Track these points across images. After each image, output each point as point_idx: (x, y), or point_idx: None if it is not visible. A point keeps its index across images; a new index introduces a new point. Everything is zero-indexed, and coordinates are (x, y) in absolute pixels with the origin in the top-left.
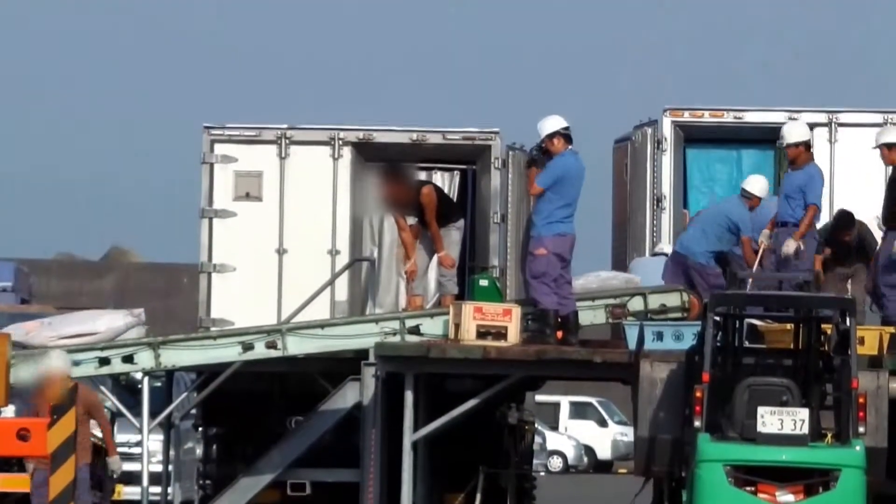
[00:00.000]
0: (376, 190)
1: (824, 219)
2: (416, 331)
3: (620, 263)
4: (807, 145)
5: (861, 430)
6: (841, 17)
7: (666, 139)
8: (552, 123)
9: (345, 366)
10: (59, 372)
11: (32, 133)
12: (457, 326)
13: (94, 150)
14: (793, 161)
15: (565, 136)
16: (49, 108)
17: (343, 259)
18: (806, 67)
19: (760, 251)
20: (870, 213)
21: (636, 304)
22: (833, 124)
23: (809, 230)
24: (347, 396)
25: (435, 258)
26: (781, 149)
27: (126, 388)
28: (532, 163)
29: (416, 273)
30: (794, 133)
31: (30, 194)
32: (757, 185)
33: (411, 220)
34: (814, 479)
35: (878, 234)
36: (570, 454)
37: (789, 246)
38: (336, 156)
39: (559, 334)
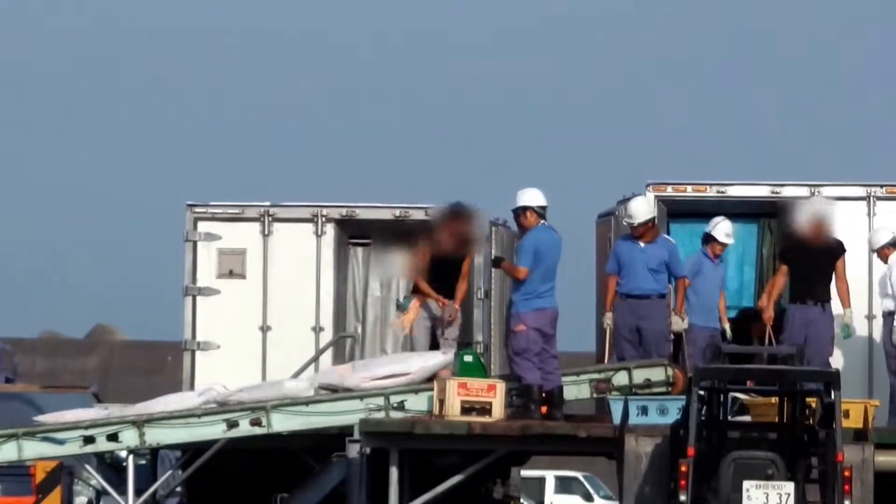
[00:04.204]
0: (439, 228)
1: None
2: (400, 407)
3: (603, 337)
4: (653, 221)
5: (847, 503)
6: (825, 89)
7: None
8: (527, 197)
9: (330, 442)
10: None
11: (13, 210)
12: (441, 402)
13: (77, 227)
14: (640, 236)
15: (539, 212)
16: (31, 185)
17: (327, 336)
18: (789, 140)
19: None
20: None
21: (621, 378)
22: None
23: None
24: (332, 473)
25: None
26: (631, 227)
27: (111, 467)
28: (497, 263)
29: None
30: (644, 211)
31: (14, 273)
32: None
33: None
34: None
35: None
36: None
37: (678, 324)
38: (319, 233)
39: (544, 409)
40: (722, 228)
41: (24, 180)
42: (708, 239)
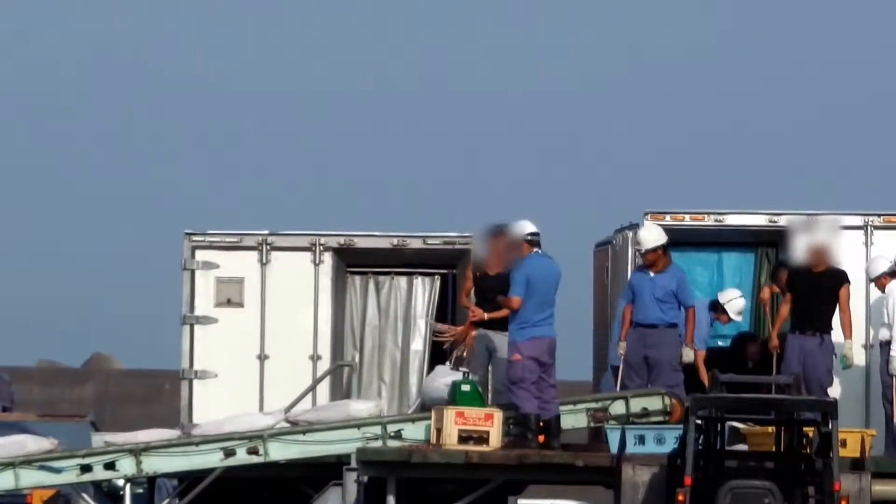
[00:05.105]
0: (483, 247)
1: None
2: (398, 436)
3: (602, 367)
4: (664, 248)
5: None
6: (821, 119)
7: None
8: (518, 229)
9: (327, 471)
10: None
11: (12, 240)
12: (438, 431)
13: (74, 256)
14: (652, 264)
15: (530, 241)
16: (30, 215)
17: (324, 364)
18: (787, 169)
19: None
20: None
21: (618, 407)
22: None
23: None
24: (330, 501)
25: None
26: (641, 254)
27: (108, 495)
28: None
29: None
30: (650, 238)
31: (12, 302)
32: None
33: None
34: None
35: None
36: None
37: (689, 355)
38: (317, 261)
39: (541, 438)
40: (735, 306)
41: (19, 208)
42: (717, 307)
